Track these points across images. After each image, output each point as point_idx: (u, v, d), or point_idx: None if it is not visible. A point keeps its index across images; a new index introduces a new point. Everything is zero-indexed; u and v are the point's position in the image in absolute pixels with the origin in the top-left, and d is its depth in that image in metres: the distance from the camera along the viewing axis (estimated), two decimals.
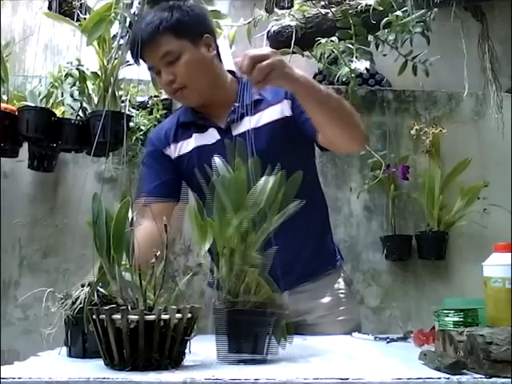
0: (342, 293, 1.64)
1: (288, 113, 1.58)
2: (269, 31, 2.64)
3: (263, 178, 1.08)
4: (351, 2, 2.50)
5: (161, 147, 1.67)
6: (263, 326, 1.02)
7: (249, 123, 1.56)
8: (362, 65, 2.40)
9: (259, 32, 2.66)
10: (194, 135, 1.62)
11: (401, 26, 2.33)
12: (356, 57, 2.38)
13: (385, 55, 2.54)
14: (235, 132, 1.56)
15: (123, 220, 1.06)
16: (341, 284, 1.65)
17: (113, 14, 1.92)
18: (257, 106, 1.56)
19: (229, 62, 1.67)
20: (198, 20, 1.59)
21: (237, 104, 1.55)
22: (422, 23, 2.33)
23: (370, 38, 2.52)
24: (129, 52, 2.08)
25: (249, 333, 1.01)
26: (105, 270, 1.07)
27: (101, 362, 1.01)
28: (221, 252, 1.06)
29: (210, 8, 1.99)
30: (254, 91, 1.51)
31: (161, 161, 1.66)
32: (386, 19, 2.35)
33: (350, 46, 2.42)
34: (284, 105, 1.58)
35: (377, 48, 2.54)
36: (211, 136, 1.60)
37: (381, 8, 2.37)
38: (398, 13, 2.33)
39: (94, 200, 1.08)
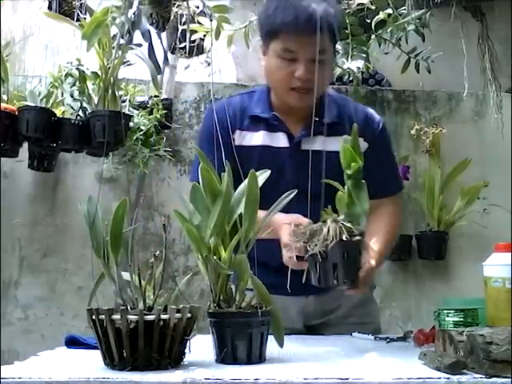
0: (363, 297, 1.61)
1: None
2: None
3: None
4: (349, 2, 2.49)
5: (230, 128, 1.54)
6: (254, 328, 1.02)
7: (320, 143, 1.49)
8: (354, 64, 2.39)
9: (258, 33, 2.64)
10: (263, 132, 1.56)
11: (395, 24, 2.33)
12: (351, 56, 2.38)
13: (386, 53, 2.54)
14: (304, 146, 1.52)
15: (120, 220, 1.06)
16: None
17: (109, 19, 1.92)
18: (333, 129, 1.49)
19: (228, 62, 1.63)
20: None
21: (316, 118, 1.44)
22: (417, 20, 2.32)
23: (373, 36, 2.51)
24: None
25: (239, 335, 1.02)
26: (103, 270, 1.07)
27: (101, 361, 1.01)
28: (202, 257, 1.06)
29: (215, 3, 1.95)
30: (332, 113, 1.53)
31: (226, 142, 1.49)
32: (376, 17, 2.34)
33: (339, 47, 2.41)
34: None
35: (379, 46, 2.53)
36: (280, 140, 1.55)
37: (373, 7, 2.36)
38: (389, 11, 2.32)
39: (88, 202, 1.09)
